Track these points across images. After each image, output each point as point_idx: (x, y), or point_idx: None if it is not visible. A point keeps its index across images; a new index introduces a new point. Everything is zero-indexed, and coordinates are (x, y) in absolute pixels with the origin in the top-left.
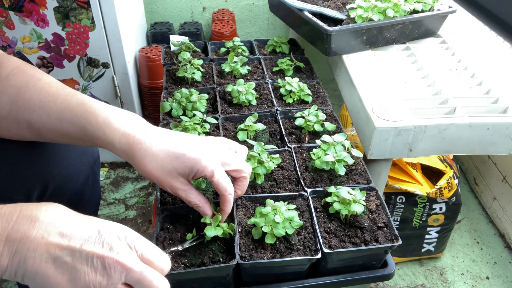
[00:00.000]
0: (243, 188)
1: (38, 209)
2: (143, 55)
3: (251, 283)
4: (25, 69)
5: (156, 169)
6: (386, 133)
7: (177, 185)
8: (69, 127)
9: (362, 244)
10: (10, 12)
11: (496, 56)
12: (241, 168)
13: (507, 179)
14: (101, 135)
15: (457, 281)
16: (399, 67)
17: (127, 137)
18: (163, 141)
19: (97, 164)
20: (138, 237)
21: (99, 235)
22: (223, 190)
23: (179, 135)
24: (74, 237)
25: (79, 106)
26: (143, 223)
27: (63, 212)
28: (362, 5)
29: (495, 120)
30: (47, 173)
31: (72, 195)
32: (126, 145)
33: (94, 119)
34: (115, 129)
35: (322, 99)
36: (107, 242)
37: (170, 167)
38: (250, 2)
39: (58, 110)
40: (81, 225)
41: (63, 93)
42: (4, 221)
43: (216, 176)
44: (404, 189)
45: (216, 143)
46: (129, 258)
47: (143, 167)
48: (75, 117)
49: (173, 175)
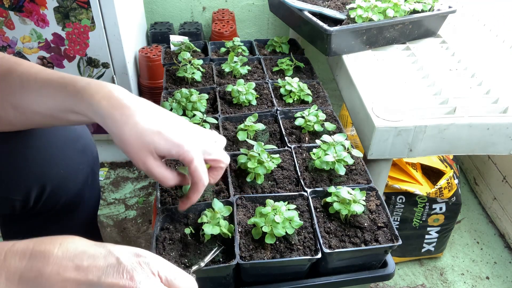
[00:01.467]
0: (217, 178)
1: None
2: (143, 55)
3: (251, 283)
4: (8, 58)
5: (135, 140)
6: (386, 133)
7: (150, 162)
8: (50, 101)
9: (362, 244)
10: (10, 12)
11: (496, 56)
12: (220, 158)
13: (507, 179)
14: (79, 99)
15: (457, 281)
16: (399, 67)
17: (109, 100)
18: (148, 112)
19: (96, 164)
20: (160, 261)
21: (118, 264)
22: (198, 179)
23: (165, 111)
24: (91, 269)
25: (59, 79)
26: (143, 223)
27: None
28: (362, 5)
29: (495, 120)
30: (45, 172)
31: (72, 194)
32: (106, 107)
33: (73, 86)
34: (95, 92)
35: (322, 99)
36: (127, 270)
37: (149, 140)
38: (250, 2)
39: (39, 87)
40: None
41: (44, 72)
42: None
43: (195, 164)
44: (404, 189)
45: (199, 131)
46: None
47: (121, 134)
48: (54, 89)
49: (150, 150)
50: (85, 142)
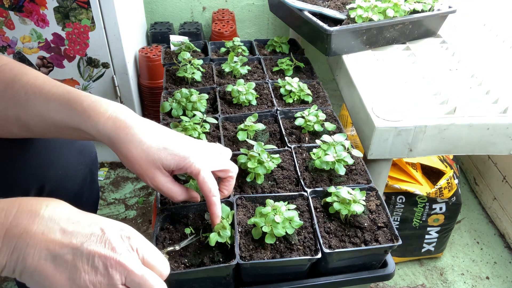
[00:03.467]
0: (230, 188)
1: (39, 204)
2: (143, 55)
3: (251, 283)
4: (12, 66)
5: (141, 157)
6: (386, 133)
7: (159, 178)
8: (55, 116)
9: (362, 244)
10: (10, 12)
11: (496, 56)
12: (228, 168)
13: (507, 179)
14: (85, 119)
15: (457, 281)
16: (399, 67)
17: (114, 121)
18: (152, 131)
19: (95, 164)
20: (141, 238)
21: (102, 234)
22: (207, 191)
23: (169, 130)
24: (76, 234)
25: (65, 94)
26: (143, 223)
27: (64, 208)
28: (362, 5)
29: (495, 120)
30: (43, 173)
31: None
32: (112, 129)
33: (79, 104)
34: (100, 113)
35: (322, 99)
36: (110, 241)
37: (155, 157)
38: (250, 2)
39: (44, 100)
40: (83, 222)
41: (49, 84)
42: (2, 216)
43: (202, 174)
44: (404, 189)
45: (204, 144)
46: (131, 260)
47: (127, 152)
48: (60, 105)
49: (157, 166)
50: (84, 143)
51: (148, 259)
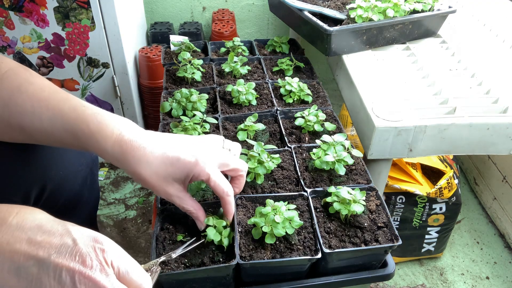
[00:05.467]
0: (241, 186)
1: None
2: (143, 55)
3: (251, 283)
4: (18, 72)
5: (151, 176)
6: (386, 133)
7: (172, 192)
8: (62, 134)
9: (362, 244)
10: (10, 12)
11: (496, 56)
12: (237, 167)
13: (507, 179)
14: (94, 143)
15: (457, 281)
16: (399, 67)
17: (120, 144)
18: (157, 147)
19: (95, 165)
20: (117, 251)
21: (74, 245)
22: (221, 192)
23: (173, 138)
24: (44, 245)
25: (71, 112)
26: (143, 223)
27: (36, 215)
28: (362, 5)
29: (495, 120)
30: (45, 174)
31: (71, 195)
32: (119, 152)
33: (86, 126)
34: (107, 136)
35: (322, 99)
36: (81, 254)
37: (165, 174)
38: (250, 2)
39: (50, 116)
40: (55, 232)
41: (55, 98)
42: None
43: (213, 178)
44: (404, 189)
45: (210, 144)
46: (104, 275)
47: (137, 174)
48: (67, 124)
49: (168, 182)
50: None
51: (124, 275)
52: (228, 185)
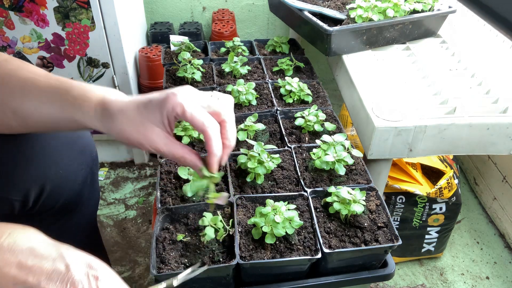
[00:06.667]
0: (229, 135)
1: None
2: (143, 55)
3: (251, 283)
4: (10, 61)
5: (129, 125)
6: (386, 133)
7: (155, 138)
8: (49, 109)
9: (362, 244)
10: (10, 12)
11: (496, 56)
12: (219, 110)
13: (507, 179)
14: (78, 109)
15: (457, 281)
16: (399, 67)
17: (102, 104)
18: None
19: (95, 164)
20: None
21: (66, 271)
22: (200, 124)
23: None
24: (34, 270)
25: (57, 86)
26: (143, 223)
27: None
28: (362, 5)
29: (495, 120)
30: (44, 173)
31: (71, 195)
32: (101, 112)
33: (70, 95)
34: (91, 99)
35: (322, 99)
36: (73, 281)
37: (141, 118)
38: (250, 2)
39: (38, 93)
40: (48, 256)
41: (44, 78)
42: None
43: (188, 110)
44: (404, 189)
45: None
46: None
47: (116, 128)
48: (53, 97)
49: (147, 127)
50: (85, 143)
51: None
52: (207, 117)
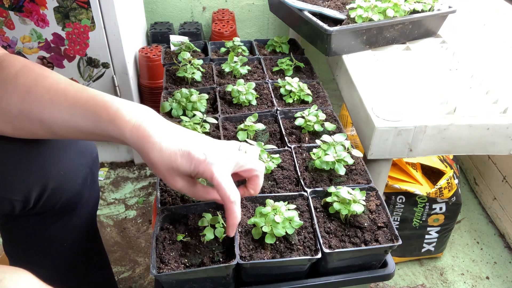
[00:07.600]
0: (256, 188)
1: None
2: (143, 55)
3: (251, 283)
4: (32, 68)
5: (162, 164)
6: (386, 133)
7: (179, 186)
8: (81, 122)
9: (362, 244)
10: (10, 12)
11: (496, 56)
12: (251, 167)
13: (507, 179)
14: (113, 128)
15: (457, 281)
16: (399, 67)
17: (138, 130)
18: (171, 137)
19: (95, 164)
20: None
21: None
22: (224, 196)
23: (188, 132)
24: None
25: (90, 100)
26: (143, 223)
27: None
28: (362, 5)
29: (495, 120)
30: (46, 173)
31: (71, 195)
32: (137, 138)
33: (105, 112)
34: (126, 122)
35: (322, 99)
36: None
37: (173, 165)
38: (250, 2)
39: (69, 106)
40: None
41: (72, 89)
42: None
43: (217, 178)
44: (404, 189)
45: (225, 145)
46: None
47: (150, 160)
48: (86, 112)
49: (177, 173)
50: (85, 143)
51: None
52: (233, 190)
